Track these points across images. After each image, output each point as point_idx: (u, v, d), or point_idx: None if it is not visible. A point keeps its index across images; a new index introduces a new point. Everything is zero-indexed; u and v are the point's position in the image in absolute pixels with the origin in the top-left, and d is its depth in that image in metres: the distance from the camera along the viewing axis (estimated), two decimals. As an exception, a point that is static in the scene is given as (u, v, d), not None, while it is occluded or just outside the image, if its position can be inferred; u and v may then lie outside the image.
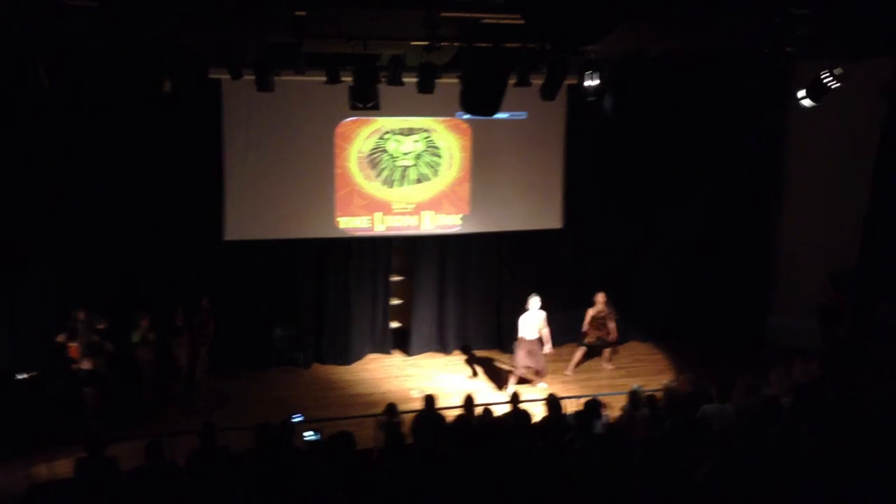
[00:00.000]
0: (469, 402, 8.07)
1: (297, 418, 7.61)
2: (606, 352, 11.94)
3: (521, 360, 10.86)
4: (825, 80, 9.11)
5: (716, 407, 7.27)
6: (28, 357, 9.85)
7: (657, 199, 12.72)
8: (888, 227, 11.62)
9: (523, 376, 10.97)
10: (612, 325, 11.66)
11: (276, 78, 9.42)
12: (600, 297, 11.61)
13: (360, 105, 9.15)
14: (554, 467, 5.17)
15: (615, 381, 11.31)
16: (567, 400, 8.10)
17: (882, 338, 10.99)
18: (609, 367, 11.93)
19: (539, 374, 11.02)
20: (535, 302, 10.87)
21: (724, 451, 5.38)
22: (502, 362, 12.08)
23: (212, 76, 10.28)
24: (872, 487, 4.74)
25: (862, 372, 10.84)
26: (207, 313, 10.73)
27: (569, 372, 11.67)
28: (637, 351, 12.86)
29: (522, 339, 10.86)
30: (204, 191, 11.15)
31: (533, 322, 10.86)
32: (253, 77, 9.12)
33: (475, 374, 11.73)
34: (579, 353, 11.79)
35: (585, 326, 11.71)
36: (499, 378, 11.52)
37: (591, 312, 11.65)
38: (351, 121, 11.51)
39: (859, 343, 11.41)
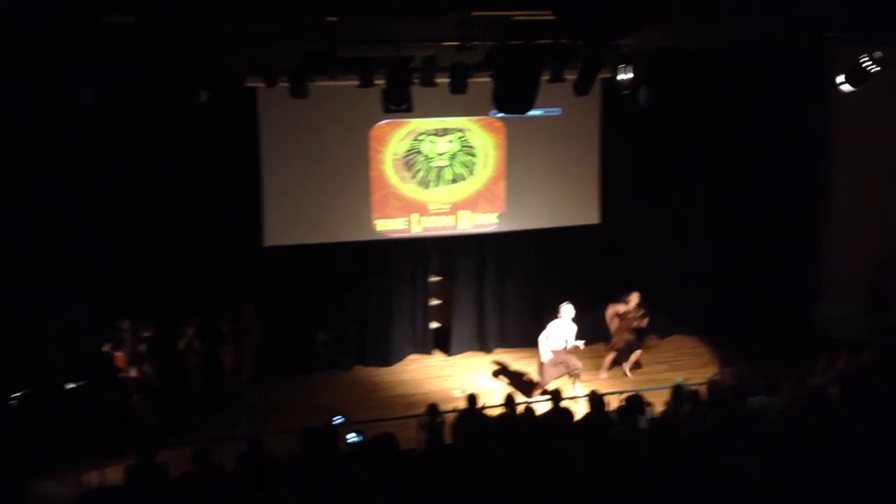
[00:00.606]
0: (510, 401, 8.06)
1: (338, 420, 7.66)
2: (632, 358, 11.43)
3: (549, 374, 10.48)
4: (865, 65, 8.92)
5: (762, 400, 7.17)
6: (76, 367, 10.04)
7: (697, 192, 12.56)
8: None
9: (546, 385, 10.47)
10: (644, 321, 11.29)
11: (310, 84, 9.50)
12: (635, 297, 11.24)
13: (394, 107, 9.18)
14: (598, 465, 5.14)
15: (658, 376, 11.18)
16: (610, 396, 8.05)
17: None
18: (630, 375, 11.47)
19: (575, 376, 10.63)
20: (568, 310, 10.49)
21: (772, 445, 5.30)
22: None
23: (248, 85, 10.42)
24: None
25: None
26: (252, 320, 10.86)
27: (603, 375, 11.38)
28: (681, 345, 12.72)
29: (549, 354, 10.46)
30: (244, 198, 11.29)
31: (563, 332, 10.48)
32: (288, 84, 9.21)
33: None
34: (610, 356, 11.45)
35: (613, 327, 11.33)
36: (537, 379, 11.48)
37: (620, 309, 11.24)
38: (385, 123, 11.57)
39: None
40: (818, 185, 12.66)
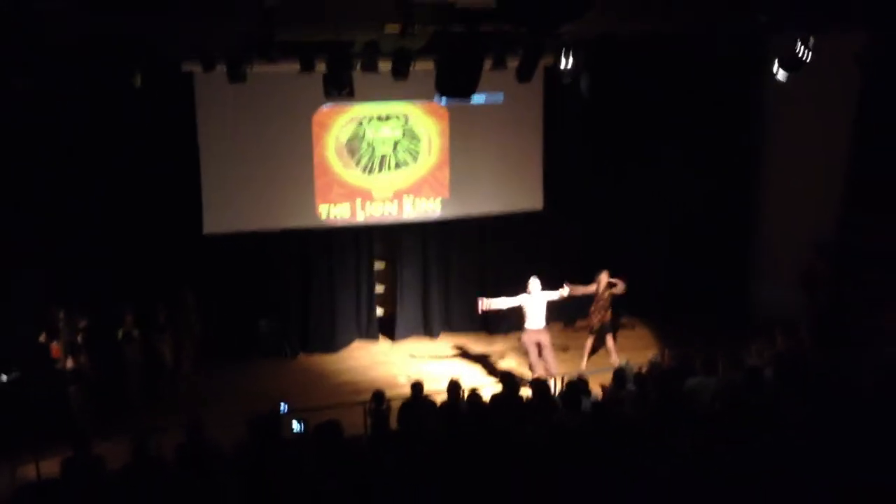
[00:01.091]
0: (454, 387, 8.06)
1: (283, 408, 7.60)
2: (609, 340, 11.21)
3: (536, 358, 10.33)
4: (799, 53, 9.12)
5: (700, 380, 7.33)
6: (10, 359, 9.75)
7: (637, 178, 12.73)
8: (868, 196, 11.71)
9: (539, 372, 10.32)
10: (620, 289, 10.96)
11: (249, 69, 9.34)
12: (604, 277, 10.98)
13: (335, 92, 9.08)
14: (542, 448, 5.19)
15: (603, 359, 11.33)
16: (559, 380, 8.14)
17: (864, 305, 11.11)
18: (615, 358, 11.11)
19: (550, 374, 10.26)
20: (536, 284, 10.34)
21: (708, 424, 5.43)
22: (488, 344, 12.12)
23: (185, 69, 10.19)
24: (857, 456, 4.79)
25: (845, 340, 10.96)
26: (191, 308, 10.70)
27: (584, 365, 11.06)
28: (623, 327, 12.90)
29: (529, 332, 10.35)
30: (182, 185, 11.08)
31: (538, 307, 10.35)
32: (225, 69, 9.04)
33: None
34: (588, 342, 11.25)
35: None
36: (485, 361, 11.56)
37: (591, 290, 10.99)
38: (327, 109, 11.45)
39: (842, 311, 11.53)
40: (754, 169, 12.96)
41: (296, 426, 7.17)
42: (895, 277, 10.71)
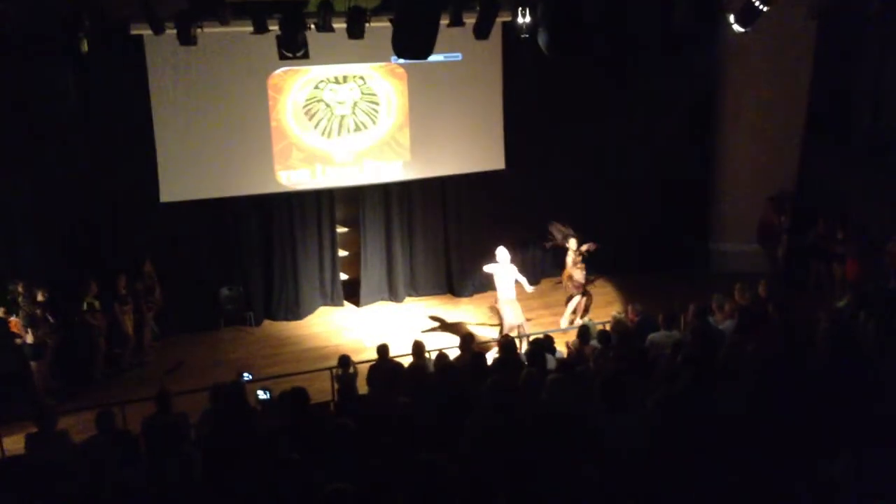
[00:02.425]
0: (419, 350, 8.08)
1: (246, 377, 7.56)
2: (581, 303, 11.23)
3: (511, 320, 10.32)
4: (755, 4, 9.12)
5: (663, 335, 7.44)
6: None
7: (598, 135, 12.70)
8: (824, 149, 11.88)
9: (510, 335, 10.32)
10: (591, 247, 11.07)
11: (200, 30, 9.10)
12: (572, 243, 11.07)
13: (290, 54, 8.92)
14: (508, 405, 5.22)
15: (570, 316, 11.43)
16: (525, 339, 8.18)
17: (820, 256, 11.34)
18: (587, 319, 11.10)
19: (515, 327, 10.44)
20: (504, 254, 10.39)
21: (671, 376, 5.50)
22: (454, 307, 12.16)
23: (133, 32, 9.91)
24: (814, 405, 4.90)
25: (803, 291, 11.20)
26: (151, 278, 10.55)
27: (564, 323, 11.04)
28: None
29: (502, 301, 10.38)
30: (137, 153, 10.83)
31: (508, 276, 10.38)
32: (175, 31, 8.79)
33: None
34: (571, 304, 11.20)
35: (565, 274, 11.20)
36: (451, 323, 11.61)
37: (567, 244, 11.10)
38: (283, 71, 11.23)
39: (800, 263, 11.77)
40: (710, 125, 13.04)
41: (261, 394, 7.15)
42: (847, 230, 10.93)
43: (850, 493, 4.00)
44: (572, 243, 11.10)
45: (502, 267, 10.41)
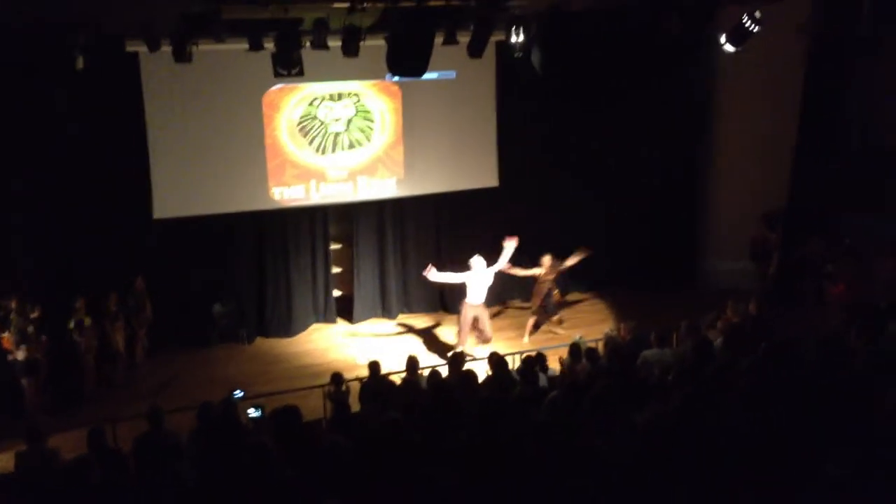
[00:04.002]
0: (412, 365, 8.08)
1: (238, 395, 7.52)
2: (552, 319, 11.52)
3: (467, 331, 10.52)
4: (746, 24, 9.21)
5: (655, 352, 7.44)
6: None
7: (590, 153, 12.79)
8: (816, 166, 11.95)
9: (464, 345, 10.56)
10: (555, 293, 11.37)
11: (196, 48, 9.14)
12: (547, 260, 11.15)
13: (285, 72, 8.95)
14: (500, 423, 5.22)
15: (560, 334, 11.44)
16: (513, 357, 8.19)
17: (811, 273, 11.38)
18: (560, 330, 11.55)
19: (485, 340, 10.73)
20: (479, 262, 10.48)
21: (663, 394, 5.51)
22: (447, 325, 12.15)
23: (129, 49, 9.94)
24: (805, 421, 4.91)
25: (794, 309, 11.23)
26: (142, 295, 10.52)
27: (526, 340, 11.30)
28: (578, 302, 13.04)
29: (469, 305, 10.52)
30: (131, 170, 10.85)
31: (481, 283, 10.52)
32: (170, 48, 8.83)
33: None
34: (531, 321, 11.45)
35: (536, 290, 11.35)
36: (444, 340, 11.60)
37: (535, 274, 11.21)
38: (277, 89, 11.27)
39: (791, 280, 11.80)
40: (703, 143, 13.12)
41: (253, 412, 7.11)
42: (838, 248, 10.98)
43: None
44: (546, 260, 11.16)
45: (476, 274, 10.48)
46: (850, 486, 4.10)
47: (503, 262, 10.67)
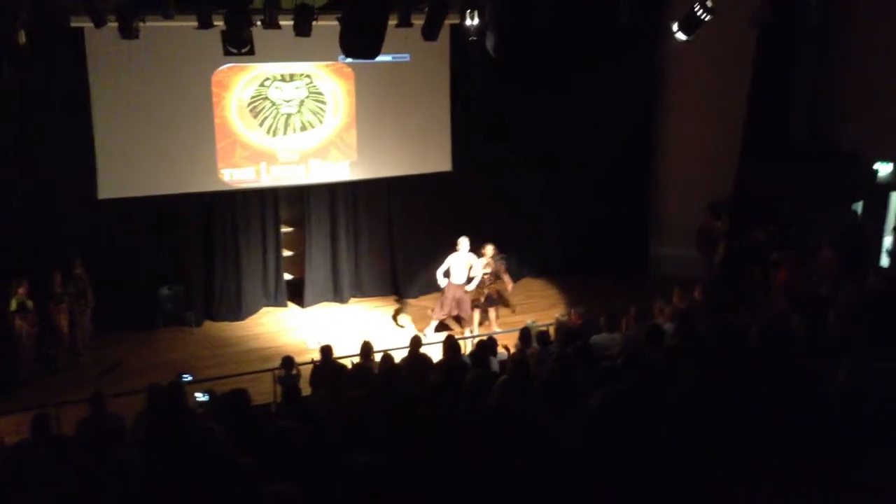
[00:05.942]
0: (366, 350, 8.06)
1: (186, 378, 7.41)
2: (492, 312, 11.14)
3: (447, 305, 10.58)
4: (697, 13, 9.29)
5: (605, 337, 7.53)
6: None
7: (542, 139, 12.84)
8: (762, 157, 12.17)
9: (445, 321, 10.85)
10: (505, 278, 11.18)
11: (143, 24, 8.92)
12: (489, 249, 10.97)
13: (235, 50, 8.76)
14: (449, 407, 5.23)
15: (508, 319, 11.50)
16: (468, 341, 8.20)
17: (756, 262, 11.60)
18: (496, 325, 11.16)
19: (464, 322, 10.81)
20: (464, 243, 10.49)
21: (612, 378, 5.57)
22: (402, 306, 12.14)
23: (73, 25, 9.66)
24: (748, 410, 5.02)
25: (738, 296, 11.44)
26: (83, 280, 10.26)
27: (474, 331, 10.96)
28: (530, 287, 13.13)
29: (450, 284, 10.54)
30: (75, 149, 10.56)
31: (462, 264, 10.51)
32: (116, 24, 8.59)
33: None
34: (476, 314, 11.15)
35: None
36: (395, 326, 11.58)
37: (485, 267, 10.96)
38: (227, 68, 11.06)
39: (736, 268, 12.02)
40: (652, 132, 13.28)
41: (200, 396, 7.01)
42: (783, 237, 11.22)
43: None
44: (487, 250, 10.97)
45: (461, 255, 10.53)
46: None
47: (478, 280, 10.67)
